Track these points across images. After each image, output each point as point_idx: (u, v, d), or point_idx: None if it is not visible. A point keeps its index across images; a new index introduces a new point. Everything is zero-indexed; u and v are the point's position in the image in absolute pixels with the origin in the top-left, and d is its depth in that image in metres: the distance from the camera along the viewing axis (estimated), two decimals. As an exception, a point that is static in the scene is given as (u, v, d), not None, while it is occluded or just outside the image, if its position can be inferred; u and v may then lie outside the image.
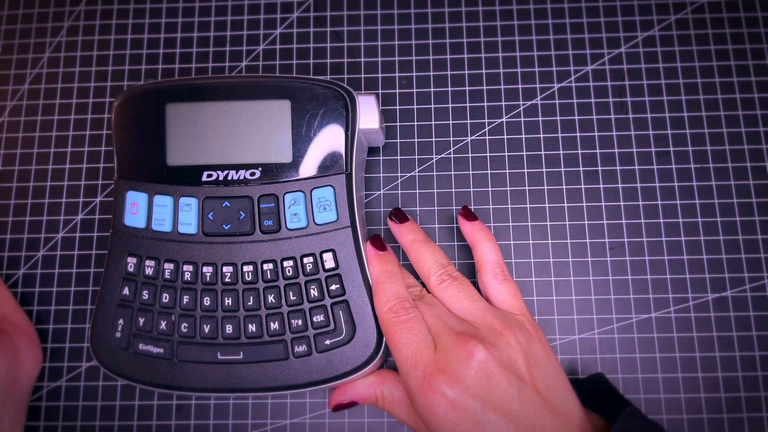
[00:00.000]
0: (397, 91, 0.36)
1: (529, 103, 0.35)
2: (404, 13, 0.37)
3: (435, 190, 0.34)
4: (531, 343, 0.26)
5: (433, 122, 0.35)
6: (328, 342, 0.29)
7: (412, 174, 0.35)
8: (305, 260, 0.29)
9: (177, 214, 0.30)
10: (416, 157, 0.35)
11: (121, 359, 0.29)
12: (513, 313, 0.28)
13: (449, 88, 0.36)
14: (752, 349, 0.32)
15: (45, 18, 0.38)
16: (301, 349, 0.29)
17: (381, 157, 0.35)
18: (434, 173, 0.35)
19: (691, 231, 0.33)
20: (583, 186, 0.34)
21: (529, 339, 0.27)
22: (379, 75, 0.36)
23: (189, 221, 0.30)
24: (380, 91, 0.36)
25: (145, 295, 0.30)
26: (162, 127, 0.31)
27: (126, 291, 0.30)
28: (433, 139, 0.35)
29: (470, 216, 0.31)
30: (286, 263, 0.29)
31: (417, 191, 0.34)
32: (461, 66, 0.36)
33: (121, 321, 0.30)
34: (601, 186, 0.34)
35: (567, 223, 0.34)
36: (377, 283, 0.28)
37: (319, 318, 0.29)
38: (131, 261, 0.30)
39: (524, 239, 0.34)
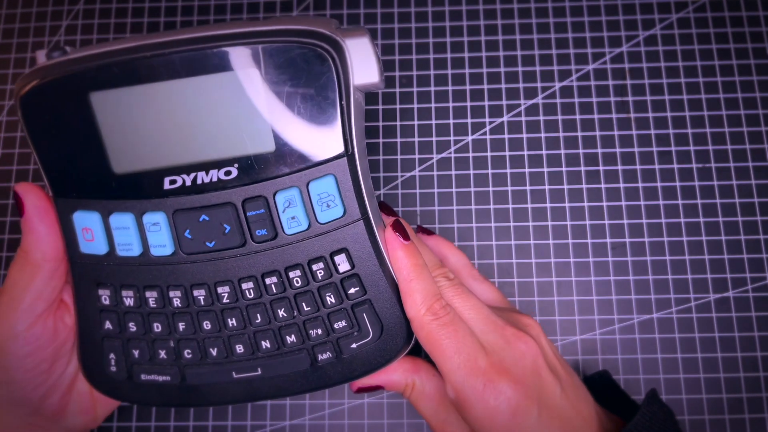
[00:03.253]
0: (398, 90, 0.36)
1: (530, 102, 0.35)
2: (404, 12, 0.37)
3: (435, 190, 0.34)
4: (545, 335, 0.27)
5: (433, 121, 0.35)
6: (354, 346, 0.25)
7: (412, 174, 0.35)
8: (314, 267, 0.24)
9: (144, 234, 0.24)
10: (416, 156, 0.35)
11: (125, 389, 0.25)
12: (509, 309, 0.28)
13: (450, 87, 0.36)
14: (754, 349, 0.32)
15: (43, 17, 0.38)
16: (325, 356, 0.25)
17: (381, 157, 0.35)
18: (435, 173, 0.34)
19: (693, 231, 0.33)
20: (584, 186, 0.34)
21: (540, 329, 0.27)
22: (380, 74, 0.36)
23: (162, 243, 0.24)
24: (380, 90, 0.36)
25: (133, 326, 0.25)
26: (93, 125, 0.23)
27: (108, 325, 0.25)
28: (434, 139, 0.35)
29: (427, 232, 0.30)
30: (291, 273, 0.24)
31: (417, 191, 0.34)
32: (462, 65, 0.36)
33: (112, 355, 0.25)
34: (603, 186, 0.34)
35: (568, 223, 0.33)
36: (408, 280, 0.24)
37: (341, 324, 0.25)
38: (104, 293, 0.25)
39: (525, 239, 0.33)
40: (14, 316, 0.24)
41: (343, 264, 0.24)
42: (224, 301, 0.24)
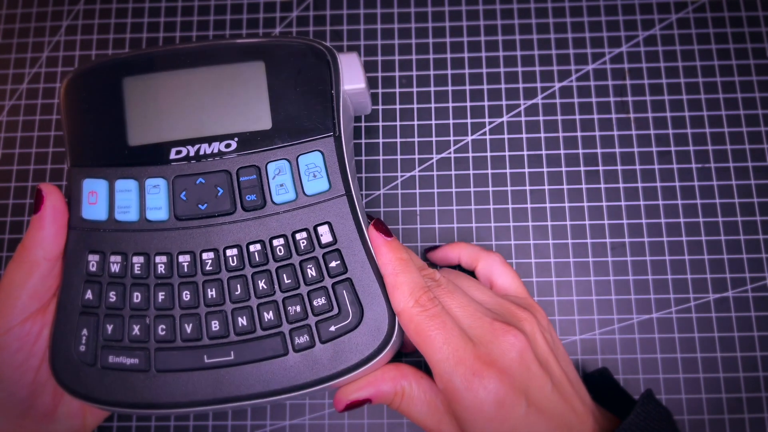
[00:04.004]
0: (397, 90, 0.36)
1: (530, 102, 0.35)
2: (404, 12, 0.37)
3: (435, 190, 0.34)
4: (548, 326, 0.26)
5: (433, 121, 0.35)
6: (333, 329, 0.25)
7: (412, 174, 0.35)
8: (298, 237, 0.26)
9: (144, 198, 0.26)
10: (416, 156, 0.35)
11: (87, 378, 0.25)
12: (520, 297, 0.28)
13: (449, 87, 0.36)
14: (754, 349, 0.32)
15: (44, 17, 0.38)
16: (302, 340, 0.24)
17: (381, 157, 0.35)
18: (434, 173, 0.34)
19: (692, 231, 0.33)
20: (584, 186, 0.34)
21: (545, 321, 0.26)
22: (379, 74, 0.36)
23: (158, 205, 0.26)
24: (380, 90, 0.36)
25: (113, 296, 0.25)
26: (120, 105, 0.27)
27: (89, 295, 0.25)
28: (434, 139, 0.35)
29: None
30: (275, 242, 0.26)
31: (417, 191, 0.34)
32: (461, 65, 0.36)
33: (84, 331, 0.25)
34: (602, 186, 0.34)
35: (568, 223, 0.33)
36: (393, 274, 0.24)
37: (320, 301, 0.25)
38: (93, 259, 0.26)
39: (525, 239, 0.33)
40: (9, 312, 0.24)
41: (325, 235, 0.26)
42: (207, 269, 0.25)
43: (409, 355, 0.32)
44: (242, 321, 0.25)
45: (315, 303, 0.25)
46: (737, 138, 0.34)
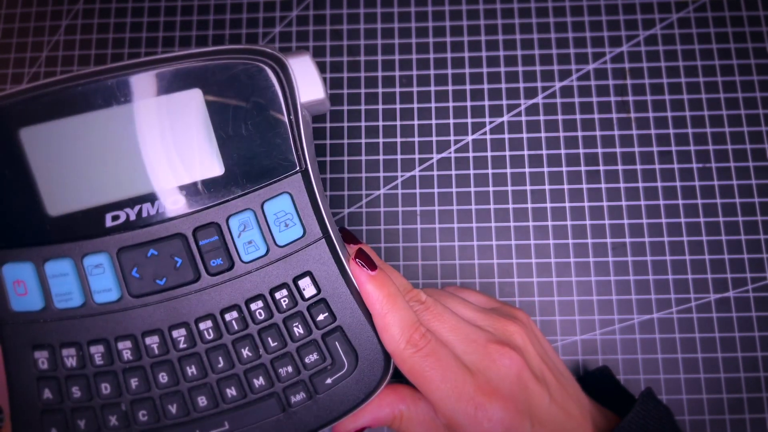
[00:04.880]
0: (398, 89, 0.36)
1: (531, 102, 0.35)
2: (404, 12, 0.37)
3: (435, 190, 0.34)
4: (534, 330, 0.26)
5: (433, 121, 0.35)
6: (329, 381, 0.23)
7: (412, 173, 0.34)
8: (277, 295, 0.22)
9: (86, 280, 0.22)
10: (417, 156, 0.35)
11: None
12: (499, 308, 0.27)
13: (450, 87, 0.35)
14: (755, 350, 0.32)
15: (43, 17, 0.38)
16: (298, 397, 0.22)
17: (381, 157, 0.35)
18: (435, 173, 0.34)
19: (693, 231, 0.33)
20: (584, 186, 0.34)
21: (530, 325, 0.26)
22: (379, 74, 0.36)
23: (107, 286, 0.22)
24: (380, 90, 0.36)
25: (77, 392, 0.22)
26: (24, 165, 0.21)
27: (47, 394, 0.22)
28: (434, 139, 0.35)
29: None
30: (253, 305, 0.22)
31: (417, 191, 0.34)
32: (462, 64, 0.36)
33: (53, 431, 0.22)
34: (603, 186, 0.34)
35: (568, 223, 0.33)
36: (382, 314, 0.23)
37: (311, 357, 0.22)
38: (41, 356, 0.22)
39: (525, 239, 0.33)
40: None
41: (308, 288, 0.23)
42: (181, 346, 0.22)
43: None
44: (231, 391, 0.22)
45: (306, 360, 0.22)
46: (738, 138, 0.34)
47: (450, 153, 0.35)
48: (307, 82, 0.23)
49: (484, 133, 0.35)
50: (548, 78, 0.35)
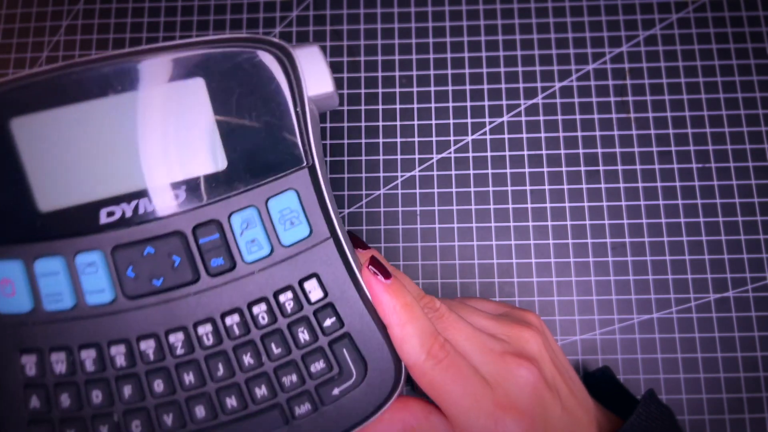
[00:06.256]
0: (398, 90, 0.36)
1: (530, 102, 0.35)
2: (404, 12, 0.37)
3: (435, 190, 0.34)
4: (546, 334, 0.26)
5: (433, 121, 0.35)
6: (336, 391, 0.21)
7: (412, 174, 0.35)
8: (282, 298, 0.21)
9: (77, 280, 0.20)
10: (416, 156, 0.35)
11: None
12: (510, 312, 0.28)
13: (450, 87, 0.35)
14: (754, 349, 0.32)
15: (43, 17, 0.38)
16: (303, 409, 0.21)
17: (381, 157, 0.35)
18: (435, 173, 0.34)
19: (693, 231, 0.33)
20: (584, 186, 0.34)
21: (542, 329, 0.26)
22: (379, 74, 0.36)
23: (100, 287, 0.20)
24: (380, 90, 0.36)
25: (65, 400, 0.20)
26: (14, 157, 0.20)
27: (35, 403, 0.20)
28: (434, 139, 0.35)
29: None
30: (255, 309, 0.21)
31: (417, 191, 0.34)
32: (462, 65, 0.36)
33: None
34: (603, 186, 0.34)
35: (568, 223, 0.33)
36: (399, 325, 0.21)
37: (317, 366, 0.21)
38: (28, 361, 0.20)
39: (525, 239, 0.33)
40: None
41: (314, 291, 0.21)
42: (178, 352, 0.21)
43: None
44: (231, 402, 0.21)
45: (312, 368, 0.21)
46: (738, 138, 0.34)
47: (450, 153, 0.35)
48: (315, 74, 0.22)
49: (484, 134, 0.35)
50: (548, 78, 0.35)
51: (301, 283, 0.21)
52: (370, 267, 0.22)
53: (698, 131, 0.34)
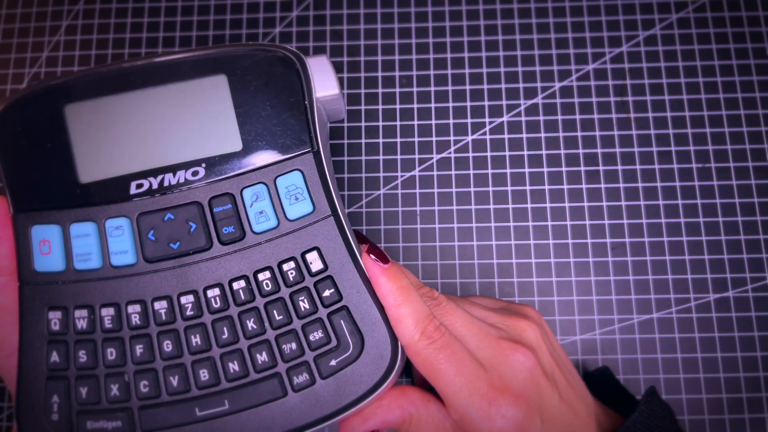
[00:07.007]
0: (398, 90, 0.36)
1: (530, 102, 0.35)
2: (404, 12, 0.37)
3: (435, 190, 0.34)
4: (544, 327, 0.26)
5: (433, 121, 0.35)
6: (333, 363, 0.23)
7: (412, 174, 0.35)
8: (285, 267, 0.23)
9: (105, 242, 0.23)
10: (416, 156, 0.35)
11: None
12: (509, 306, 0.28)
13: (450, 87, 0.36)
14: (754, 349, 0.32)
15: (43, 17, 0.38)
16: (301, 379, 0.22)
17: (381, 157, 0.35)
18: (434, 173, 0.34)
19: (692, 231, 0.33)
20: (584, 186, 0.34)
21: (541, 322, 0.26)
22: (379, 74, 0.36)
23: (124, 248, 0.23)
24: (380, 90, 0.36)
25: (83, 356, 0.23)
26: (65, 138, 0.24)
27: (54, 357, 0.23)
28: (434, 139, 0.35)
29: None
30: (261, 276, 0.23)
31: (417, 191, 0.34)
32: (462, 65, 0.36)
33: (55, 398, 0.22)
34: (603, 186, 0.34)
35: (568, 223, 0.33)
36: (395, 305, 0.23)
37: (316, 335, 0.23)
38: (54, 317, 0.23)
39: (525, 239, 0.33)
40: None
41: (315, 262, 0.23)
42: (188, 314, 0.23)
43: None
44: (233, 366, 0.23)
45: (311, 337, 0.23)
46: (738, 138, 0.34)
47: (450, 153, 0.35)
48: (323, 78, 0.25)
49: (484, 134, 0.35)
50: (548, 78, 0.35)
51: (303, 254, 0.24)
52: (370, 253, 0.24)
53: (698, 131, 0.34)
